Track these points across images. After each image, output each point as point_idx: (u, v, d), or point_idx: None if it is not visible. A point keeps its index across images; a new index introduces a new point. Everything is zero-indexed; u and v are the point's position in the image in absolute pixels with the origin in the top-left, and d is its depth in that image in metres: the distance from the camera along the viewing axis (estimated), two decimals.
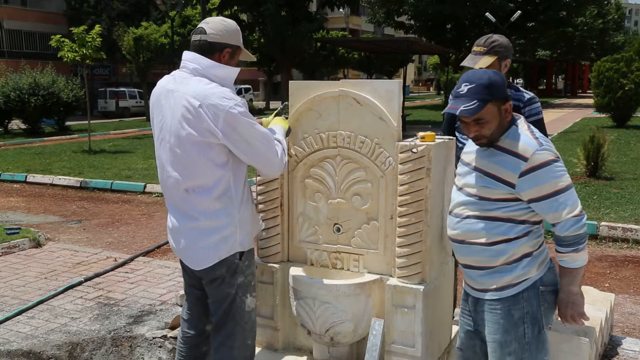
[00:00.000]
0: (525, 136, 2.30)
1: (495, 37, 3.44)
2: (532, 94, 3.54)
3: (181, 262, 2.88)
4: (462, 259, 2.49)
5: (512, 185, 2.28)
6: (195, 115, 2.51)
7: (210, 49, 2.64)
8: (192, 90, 2.55)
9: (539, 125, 3.35)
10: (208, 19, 2.73)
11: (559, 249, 2.33)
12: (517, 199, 2.30)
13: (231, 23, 2.73)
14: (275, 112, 3.16)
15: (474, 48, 3.44)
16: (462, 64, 3.46)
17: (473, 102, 2.24)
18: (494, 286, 2.39)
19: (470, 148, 2.50)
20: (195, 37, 2.68)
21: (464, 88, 2.28)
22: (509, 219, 2.33)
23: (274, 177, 3.09)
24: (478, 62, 3.34)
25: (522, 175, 2.25)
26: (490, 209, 2.34)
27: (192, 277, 2.88)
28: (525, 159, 2.24)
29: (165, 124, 2.64)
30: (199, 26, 2.70)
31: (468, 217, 2.40)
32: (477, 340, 2.56)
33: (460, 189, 2.47)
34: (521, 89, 3.57)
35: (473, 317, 2.54)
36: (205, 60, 2.63)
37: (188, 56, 2.67)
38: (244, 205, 2.73)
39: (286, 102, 3.20)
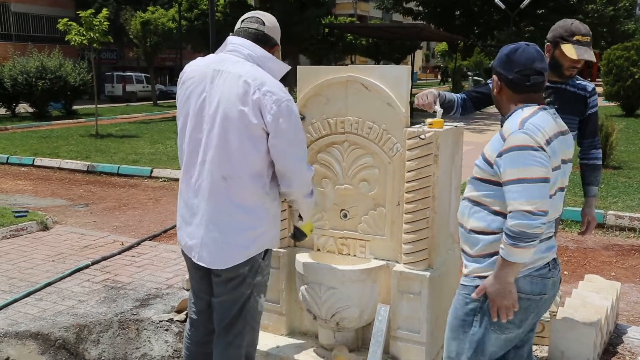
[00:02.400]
0: (516, 117, 2.21)
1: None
2: (593, 84, 3.38)
3: (190, 263, 2.71)
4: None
5: (491, 165, 2.22)
6: (252, 97, 2.43)
7: (266, 41, 2.61)
8: (249, 73, 2.47)
9: (595, 117, 3.36)
10: (259, 12, 2.68)
11: (503, 236, 2.15)
12: (498, 183, 2.20)
13: (276, 21, 2.73)
14: None
15: (580, 38, 3.05)
16: (580, 57, 3.02)
17: None
18: (464, 271, 2.36)
19: None
20: (251, 26, 2.62)
21: None
22: (486, 205, 2.26)
23: (294, 195, 2.68)
24: (590, 52, 3.09)
25: (499, 155, 2.17)
26: (478, 190, 2.30)
27: (200, 282, 2.74)
28: (504, 139, 2.18)
29: (210, 104, 2.50)
30: (252, 15, 2.65)
31: (464, 198, 2.39)
32: None
33: None
34: (580, 77, 3.34)
35: None
36: (260, 50, 2.57)
37: (239, 41, 2.58)
38: (277, 200, 2.66)
39: None
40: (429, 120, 2.99)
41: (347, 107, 3.11)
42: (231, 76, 2.48)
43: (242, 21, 2.66)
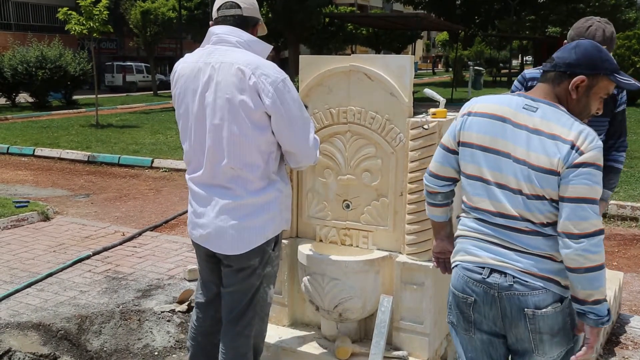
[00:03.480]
0: None
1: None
2: None
3: (203, 254, 2.71)
4: None
5: None
6: (248, 83, 2.43)
7: (245, 24, 2.60)
8: (241, 60, 2.47)
9: (622, 115, 3.13)
10: None
11: None
12: None
13: None
14: None
15: None
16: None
17: None
18: None
19: None
20: (228, 12, 2.60)
21: None
22: None
23: (302, 168, 2.85)
24: None
25: None
26: None
27: (210, 273, 2.75)
28: None
29: (208, 98, 2.49)
30: (228, 0, 2.62)
31: None
32: None
33: None
34: None
35: None
36: (245, 34, 2.58)
37: (224, 30, 2.57)
38: (287, 180, 2.71)
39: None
40: (432, 110, 2.97)
41: (350, 97, 3.08)
42: (224, 66, 2.47)
43: (218, 9, 2.63)
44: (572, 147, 1.92)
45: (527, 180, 1.98)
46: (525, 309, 1.99)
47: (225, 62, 2.48)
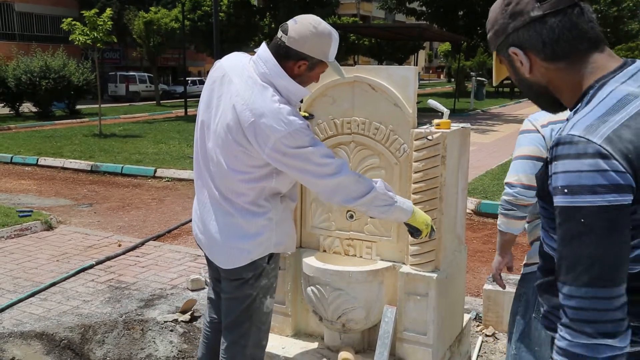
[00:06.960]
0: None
1: None
2: None
3: (205, 255, 2.73)
4: None
5: None
6: (246, 129, 2.27)
7: (286, 56, 2.32)
8: (251, 100, 2.27)
9: None
10: (300, 17, 2.36)
11: None
12: None
13: (322, 30, 2.32)
14: None
15: None
16: None
17: None
18: None
19: None
20: (278, 35, 2.34)
21: None
22: None
23: (339, 205, 2.75)
24: None
25: None
26: None
27: (214, 272, 2.77)
28: None
29: (215, 115, 2.42)
30: (289, 21, 2.36)
31: None
32: None
33: None
34: None
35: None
36: (277, 68, 2.31)
37: (264, 55, 2.35)
38: (282, 208, 2.56)
39: None
40: (436, 121, 2.98)
41: (354, 108, 3.09)
42: (232, 98, 2.34)
43: (280, 26, 2.44)
44: None
45: None
46: None
47: (237, 89, 2.33)
